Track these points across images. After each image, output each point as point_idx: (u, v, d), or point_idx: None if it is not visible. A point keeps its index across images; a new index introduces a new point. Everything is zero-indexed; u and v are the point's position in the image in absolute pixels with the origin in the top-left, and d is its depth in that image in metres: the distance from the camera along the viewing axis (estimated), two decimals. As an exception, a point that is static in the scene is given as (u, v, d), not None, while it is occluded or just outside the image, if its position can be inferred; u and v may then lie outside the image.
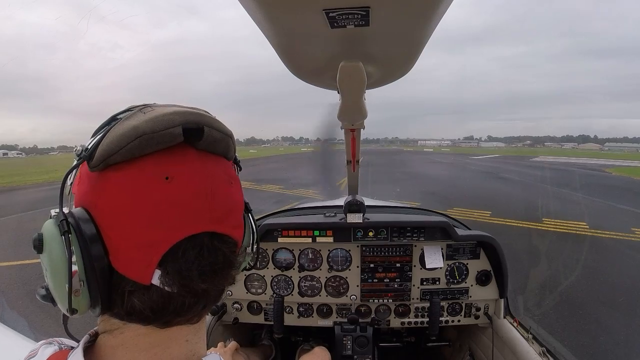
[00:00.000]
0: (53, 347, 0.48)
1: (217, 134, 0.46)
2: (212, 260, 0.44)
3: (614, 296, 4.41)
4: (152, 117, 0.42)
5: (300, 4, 0.43)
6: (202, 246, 0.43)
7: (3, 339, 1.35)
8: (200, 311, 0.47)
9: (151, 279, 0.41)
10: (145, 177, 0.41)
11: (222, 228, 0.45)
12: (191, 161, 0.44)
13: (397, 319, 1.79)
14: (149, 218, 0.40)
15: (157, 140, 0.41)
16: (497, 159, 37.61)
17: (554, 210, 9.46)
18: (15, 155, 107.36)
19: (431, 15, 0.47)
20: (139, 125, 0.41)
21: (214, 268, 0.44)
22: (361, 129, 1.11)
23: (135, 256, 0.41)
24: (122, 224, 0.41)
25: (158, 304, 0.42)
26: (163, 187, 0.41)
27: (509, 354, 1.54)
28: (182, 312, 0.44)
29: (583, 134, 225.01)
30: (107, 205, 0.41)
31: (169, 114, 0.42)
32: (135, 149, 0.40)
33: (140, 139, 0.40)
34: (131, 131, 0.40)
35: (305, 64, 0.67)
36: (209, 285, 0.44)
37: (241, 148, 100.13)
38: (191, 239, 0.42)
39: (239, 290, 1.80)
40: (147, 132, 0.40)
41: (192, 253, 0.42)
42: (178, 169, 0.42)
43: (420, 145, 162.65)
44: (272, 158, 39.30)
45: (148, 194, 0.40)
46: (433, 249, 1.72)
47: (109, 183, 0.41)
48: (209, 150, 0.46)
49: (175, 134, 0.42)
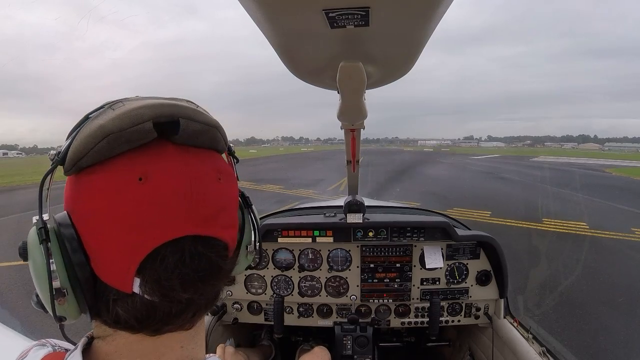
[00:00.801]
0: (47, 349, 0.47)
1: (198, 125, 0.41)
2: (195, 267, 0.40)
3: (613, 296, 4.41)
4: (119, 114, 0.38)
5: (300, 4, 0.43)
6: (183, 252, 0.39)
7: (3, 339, 1.35)
8: (191, 319, 0.44)
9: (132, 287, 0.38)
10: (118, 179, 0.38)
11: (208, 230, 0.41)
12: (168, 158, 0.39)
13: (397, 319, 1.79)
14: (124, 223, 0.37)
15: (126, 138, 0.37)
16: (497, 159, 37.58)
17: (554, 210, 9.45)
18: (15, 155, 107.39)
19: (431, 16, 0.47)
20: (106, 124, 0.37)
21: (198, 276, 0.40)
22: (361, 129, 1.11)
23: (114, 263, 0.38)
24: (98, 229, 0.38)
25: (142, 312, 0.39)
26: (137, 189, 0.37)
27: (509, 354, 1.54)
28: (169, 320, 0.41)
29: (583, 133, 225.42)
30: (83, 211, 0.39)
31: (137, 109, 0.38)
32: (104, 149, 0.37)
33: (107, 138, 0.37)
34: (98, 131, 0.37)
35: (305, 64, 0.67)
36: (192, 294, 0.41)
37: (241, 148, 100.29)
38: (171, 244, 0.38)
39: (239, 290, 1.80)
40: (114, 130, 0.37)
41: (172, 260, 0.38)
42: (153, 167, 0.38)
43: (420, 145, 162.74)
44: (272, 158, 39.29)
45: (122, 196, 0.37)
46: (433, 249, 1.71)
47: (82, 187, 0.39)
48: (190, 144, 0.42)
49: (145, 130, 0.38)
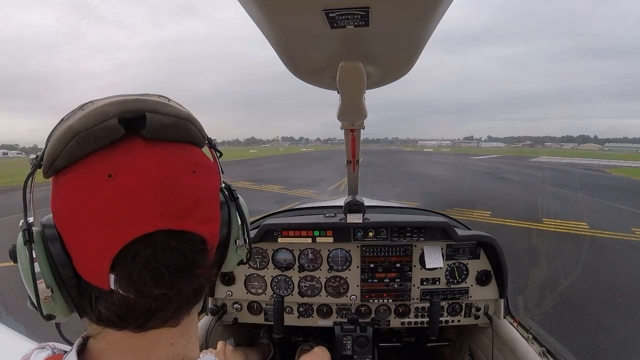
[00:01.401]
0: (46, 352, 0.48)
1: (166, 118, 0.41)
2: (167, 262, 0.40)
3: (613, 296, 4.41)
4: (86, 113, 0.39)
5: (300, 5, 0.43)
6: (155, 246, 0.39)
7: (3, 338, 1.35)
8: (173, 315, 0.44)
9: (109, 285, 0.39)
10: (88, 177, 0.38)
11: (181, 224, 0.40)
12: (136, 153, 0.39)
13: (397, 319, 1.79)
14: (96, 220, 0.38)
15: (94, 136, 0.38)
16: (497, 159, 37.59)
17: (554, 210, 9.45)
18: (15, 155, 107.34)
19: (431, 16, 0.47)
20: (74, 125, 0.38)
21: (170, 270, 0.40)
22: (361, 129, 1.11)
23: (91, 261, 0.39)
24: (75, 229, 0.39)
25: (122, 309, 0.40)
26: (107, 186, 0.38)
27: (508, 354, 1.54)
28: (150, 317, 0.41)
29: (583, 134, 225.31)
30: (61, 211, 0.40)
31: (102, 107, 0.39)
32: (75, 149, 0.38)
33: (76, 138, 0.38)
34: (67, 132, 0.38)
35: (305, 64, 0.67)
36: (165, 289, 0.40)
37: (241, 148, 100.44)
38: (143, 239, 0.38)
39: (239, 290, 1.80)
40: (82, 130, 0.38)
41: (143, 255, 0.39)
42: (121, 164, 0.39)
43: (420, 145, 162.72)
44: (272, 158, 39.29)
45: (92, 194, 0.38)
46: (433, 249, 1.71)
47: (59, 188, 0.40)
48: (161, 138, 0.41)
49: (110, 126, 0.38)
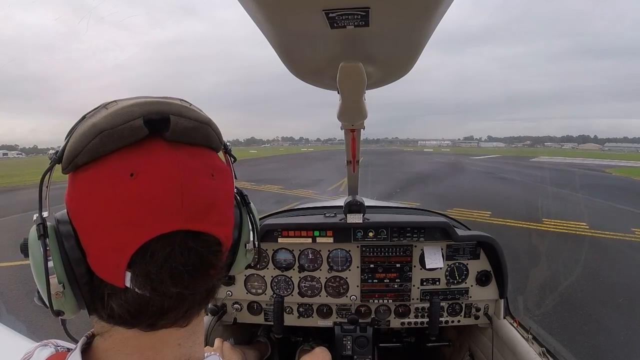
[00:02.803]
0: (49, 349, 0.48)
1: (188, 122, 0.42)
2: (184, 262, 0.40)
3: (613, 296, 4.41)
4: (112, 112, 0.40)
5: (300, 5, 0.43)
6: (173, 246, 0.40)
7: (3, 338, 1.35)
8: (185, 314, 0.44)
9: (124, 282, 0.39)
10: (110, 175, 0.39)
11: (199, 225, 0.41)
12: (159, 154, 0.40)
13: (397, 319, 1.79)
14: (116, 218, 0.38)
15: (118, 135, 0.38)
16: (497, 159, 37.57)
17: (554, 210, 9.44)
18: (15, 155, 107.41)
19: (431, 16, 0.47)
20: (98, 122, 0.39)
21: (187, 270, 0.41)
22: (361, 129, 1.11)
23: (107, 258, 0.40)
24: (92, 225, 0.40)
25: (135, 307, 0.40)
26: (128, 184, 0.38)
27: (508, 354, 1.54)
28: (163, 315, 0.42)
29: (583, 134, 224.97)
30: (78, 207, 0.41)
31: (128, 107, 0.40)
32: (98, 147, 0.38)
33: (100, 136, 0.38)
34: (91, 129, 0.39)
35: (305, 64, 0.67)
36: (182, 288, 0.41)
37: (241, 148, 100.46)
38: (161, 238, 0.39)
39: (239, 290, 1.80)
40: (106, 128, 0.38)
41: (161, 254, 0.39)
42: (144, 163, 0.39)
43: (420, 145, 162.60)
44: (272, 158, 39.29)
45: (113, 192, 0.38)
46: (433, 249, 1.71)
47: (78, 184, 0.40)
48: (182, 141, 0.42)
49: (135, 126, 0.39)
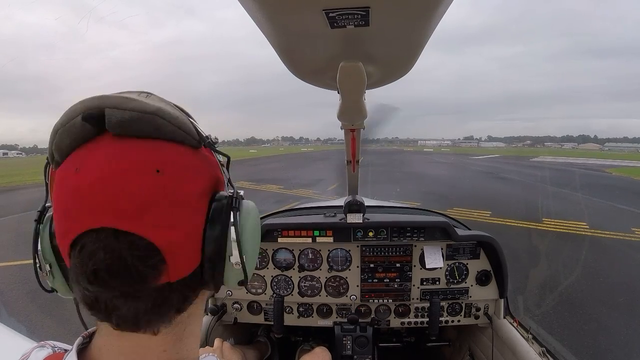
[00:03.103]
0: (46, 350, 0.48)
1: (127, 113, 0.39)
2: (105, 262, 0.38)
3: (613, 296, 4.41)
4: (66, 111, 0.41)
5: (300, 4, 0.43)
6: (100, 243, 0.38)
7: (3, 338, 1.35)
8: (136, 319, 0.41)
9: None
10: (63, 169, 0.41)
11: (130, 226, 0.38)
12: (98, 149, 0.40)
13: (397, 319, 1.79)
14: (61, 209, 0.41)
15: (67, 132, 0.40)
16: (497, 159, 37.59)
17: (554, 210, 9.44)
18: (15, 155, 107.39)
19: (431, 16, 0.47)
20: (56, 122, 0.41)
21: (108, 271, 0.38)
22: (361, 129, 1.11)
23: (60, 245, 0.43)
24: (54, 213, 0.43)
25: (90, 298, 0.40)
26: (73, 178, 0.39)
27: (508, 354, 1.54)
28: (110, 313, 0.40)
29: (583, 134, 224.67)
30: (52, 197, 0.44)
31: (74, 105, 0.41)
32: (60, 144, 0.41)
33: (57, 133, 0.41)
34: (53, 128, 0.41)
35: (305, 64, 0.67)
36: (98, 289, 0.39)
37: (241, 148, 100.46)
38: (91, 233, 0.38)
39: (238, 290, 1.79)
40: (59, 126, 0.41)
41: (89, 249, 0.38)
42: (85, 158, 0.40)
43: (420, 145, 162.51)
44: (272, 158, 39.30)
45: (62, 186, 0.40)
46: (433, 249, 1.71)
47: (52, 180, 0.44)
48: (127, 134, 0.40)
49: (77, 123, 0.40)
